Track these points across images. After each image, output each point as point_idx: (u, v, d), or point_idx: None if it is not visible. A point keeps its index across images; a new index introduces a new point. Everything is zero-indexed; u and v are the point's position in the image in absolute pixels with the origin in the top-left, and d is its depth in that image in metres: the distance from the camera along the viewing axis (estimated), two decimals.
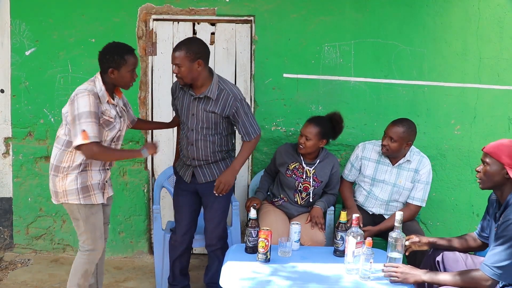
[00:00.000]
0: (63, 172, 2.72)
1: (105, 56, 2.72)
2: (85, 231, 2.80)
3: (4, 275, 3.67)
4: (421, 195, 3.24)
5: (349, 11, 3.67)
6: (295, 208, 3.37)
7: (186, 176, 3.12)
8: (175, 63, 2.86)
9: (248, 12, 3.70)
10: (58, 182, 2.73)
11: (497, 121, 3.75)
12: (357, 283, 2.48)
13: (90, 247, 2.83)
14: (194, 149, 3.01)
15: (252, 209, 2.84)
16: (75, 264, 2.89)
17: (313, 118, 3.33)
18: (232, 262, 2.68)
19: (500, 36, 3.67)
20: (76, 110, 2.59)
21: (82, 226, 2.79)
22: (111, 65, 2.69)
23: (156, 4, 3.71)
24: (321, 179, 3.34)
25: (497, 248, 2.32)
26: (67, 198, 2.74)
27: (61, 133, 2.75)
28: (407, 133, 3.18)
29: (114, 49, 2.73)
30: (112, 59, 2.69)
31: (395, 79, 3.73)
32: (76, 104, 2.60)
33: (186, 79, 2.88)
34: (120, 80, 2.74)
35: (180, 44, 2.90)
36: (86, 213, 2.77)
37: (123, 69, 2.71)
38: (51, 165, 2.76)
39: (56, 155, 2.73)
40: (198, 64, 2.86)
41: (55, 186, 2.75)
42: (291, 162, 3.35)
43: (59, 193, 2.75)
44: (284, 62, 3.73)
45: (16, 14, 3.75)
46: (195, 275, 3.68)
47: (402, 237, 2.55)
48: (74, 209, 2.77)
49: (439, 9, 3.67)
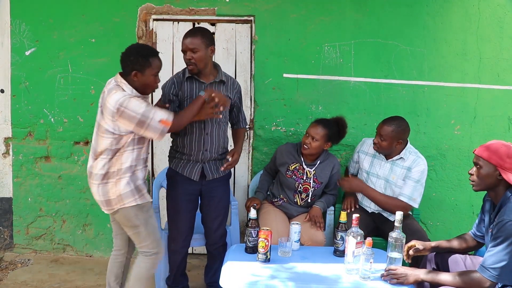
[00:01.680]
0: (114, 177, 2.64)
1: (128, 57, 2.62)
2: (147, 234, 2.72)
3: (4, 275, 3.67)
4: (409, 192, 3.19)
5: (349, 11, 3.67)
6: (295, 208, 3.37)
7: (194, 174, 3.01)
8: (190, 48, 2.84)
9: (248, 12, 3.70)
10: (111, 188, 2.63)
11: (497, 121, 3.75)
12: (357, 283, 2.48)
13: (155, 250, 2.76)
14: (209, 139, 2.99)
15: (252, 209, 2.84)
16: (138, 270, 2.78)
17: (321, 120, 3.32)
18: (232, 262, 2.68)
19: (500, 36, 3.67)
20: (136, 115, 2.52)
21: (143, 230, 2.71)
22: (135, 67, 2.60)
23: (156, 4, 3.71)
24: (321, 180, 3.34)
25: (493, 249, 2.33)
26: (124, 202, 2.65)
27: (104, 146, 2.61)
28: (396, 132, 3.17)
29: (138, 50, 2.65)
30: (136, 61, 2.60)
31: (395, 79, 3.73)
32: (130, 111, 2.51)
33: (200, 64, 2.87)
34: (143, 84, 2.64)
35: (194, 31, 2.93)
36: (144, 216, 2.71)
37: (147, 71, 2.61)
38: (97, 175, 2.63)
39: (104, 165, 2.62)
40: (211, 50, 2.90)
41: (107, 193, 2.64)
42: (291, 162, 3.34)
43: (113, 200, 2.65)
44: (284, 62, 3.73)
45: (16, 14, 3.75)
46: (195, 275, 3.68)
47: (402, 237, 2.55)
48: (132, 216, 2.68)
49: (439, 9, 3.67)
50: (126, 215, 2.68)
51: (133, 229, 2.73)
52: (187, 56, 2.88)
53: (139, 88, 2.65)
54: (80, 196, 3.94)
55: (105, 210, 2.71)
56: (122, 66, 2.65)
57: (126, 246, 2.94)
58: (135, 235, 2.74)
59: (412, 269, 2.49)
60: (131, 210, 2.67)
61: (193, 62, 2.87)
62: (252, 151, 3.89)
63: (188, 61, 2.88)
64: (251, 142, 3.89)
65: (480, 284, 2.33)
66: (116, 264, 2.94)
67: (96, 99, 3.80)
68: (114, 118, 2.54)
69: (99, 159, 2.64)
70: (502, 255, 2.29)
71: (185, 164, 3.04)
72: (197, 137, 2.98)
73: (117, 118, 2.54)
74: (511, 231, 2.28)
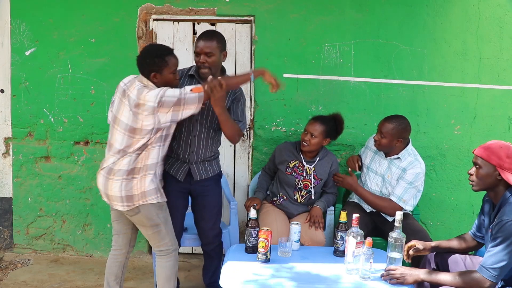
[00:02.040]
0: (140, 173, 2.65)
1: (145, 60, 2.64)
2: (167, 232, 2.77)
3: (4, 275, 3.67)
4: (400, 193, 3.18)
5: (349, 11, 3.67)
6: (295, 207, 3.37)
7: (180, 174, 3.00)
8: (206, 52, 2.81)
9: (248, 12, 3.70)
10: (136, 184, 2.64)
11: (497, 121, 3.75)
12: (357, 283, 2.48)
13: (174, 246, 2.82)
14: (196, 141, 2.97)
15: (252, 209, 2.84)
16: (164, 270, 2.82)
17: (319, 117, 3.35)
18: (232, 262, 2.68)
19: (500, 36, 3.67)
20: (173, 98, 2.54)
21: (164, 229, 2.74)
22: (153, 68, 2.61)
23: (156, 4, 3.71)
24: (320, 177, 3.35)
25: (493, 250, 2.33)
26: (146, 199, 2.66)
27: (132, 143, 2.62)
28: (397, 130, 3.18)
29: (153, 51, 2.65)
30: (153, 62, 2.61)
31: (395, 79, 3.73)
32: (169, 98, 2.54)
33: (214, 69, 2.84)
34: (163, 83, 2.64)
35: (209, 34, 2.88)
36: (164, 215, 2.74)
37: (165, 71, 2.64)
38: (120, 171, 2.63)
39: (130, 161, 2.63)
40: (224, 56, 2.89)
41: (131, 189, 2.64)
42: (291, 160, 3.35)
43: (136, 196, 2.65)
44: (284, 62, 3.73)
45: (16, 14, 3.75)
46: (195, 274, 3.68)
47: (402, 237, 2.55)
48: (153, 214, 2.69)
49: (439, 9, 3.67)
50: (148, 213, 2.69)
51: (153, 228, 2.74)
52: (200, 59, 2.84)
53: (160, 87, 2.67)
54: (80, 196, 3.94)
55: (122, 207, 2.67)
56: (140, 69, 2.67)
57: (127, 246, 2.94)
58: (155, 234, 2.75)
59: (412, 269, 2.49)
60: (152, 208, 2.69)
61: (207, 66, 2.84)
62: (252, 151, 3.89)
63: (202, 65, 2.84)
64: (251, 142, 3.88)
65: (480, 284, 2.33)
66: (116, 264, 2.94)
67: (96, 99, 3.82)
68: (155, 111, 2.55)
69: (126, 156, 2.63)
70: (502, 255, 2.29)
71: (173, 163, 3.03)
72: (185, 138, 2.98)
73: (158, 110, 2.55)
74: (510, 231, 2.29)
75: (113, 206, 2.74)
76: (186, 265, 3.91)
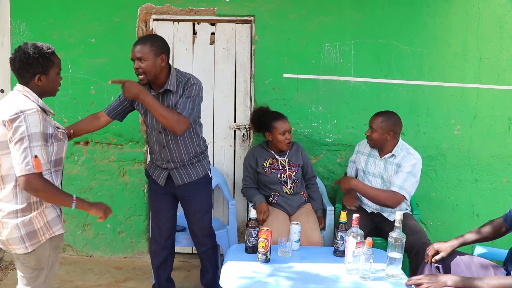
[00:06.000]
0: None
1: (26, 61, 2.24)
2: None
3: (4, 275, 3.67)
4: (400, 182, 3.16)
5: (349, 11, 3.68)
6: (289, 200, 3.37)
7: (160, 179, 2.96)
8: (138, 57, 2.66)
9: (248, 12, 3.70)
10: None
11: (497, 121, 3.75)
12: (357, 283, 2.48)
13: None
14: (167, 151, 2.89)
15: (252, 209, 2.84)
16: None
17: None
18: (232, 262, 2.68)
19: (500, 36, 3.67)
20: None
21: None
22: (37, 70, 2.27)
23: (156, 4, 3.71)
24: (297, 163, 3.44)
25: None
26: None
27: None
28: (386, 123, 3.20)
29: (34, 50, 2.27)
30: (37, 63, 2.27)
31: (395, 79, 3.74)
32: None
33: (149, 74, 2.68)
34: (49, 87, 2.39)
35: (143, 38, 2.73)
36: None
37: (52, 71, 2.36)
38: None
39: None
40: (162, 60, 2.70)
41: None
42: (264, 160, 3.42)
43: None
44: (284, 62, 3.73)
45: (16, 14, 3.75)
46: (195, 275, 3.68)
47: (402, 237, 2.55)
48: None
49: (439, 9, 3.67)
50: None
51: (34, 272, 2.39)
52: (134, 65, 2.70)
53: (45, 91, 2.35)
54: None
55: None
56: (19, 74, 2.28)
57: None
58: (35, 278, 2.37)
59: (437, 276, 2.37)
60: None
61: (141, 71, 2.68)
62: None
63: (136, 70, 2.70)
64: (251, 142, 3.88)
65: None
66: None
67: (96, 99, 3.82)
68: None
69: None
70: None
71: (155, 168, 3.02)
72: (157, 149, 2.93)
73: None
74: None
75: None
76: (186, 265, 3.92)
